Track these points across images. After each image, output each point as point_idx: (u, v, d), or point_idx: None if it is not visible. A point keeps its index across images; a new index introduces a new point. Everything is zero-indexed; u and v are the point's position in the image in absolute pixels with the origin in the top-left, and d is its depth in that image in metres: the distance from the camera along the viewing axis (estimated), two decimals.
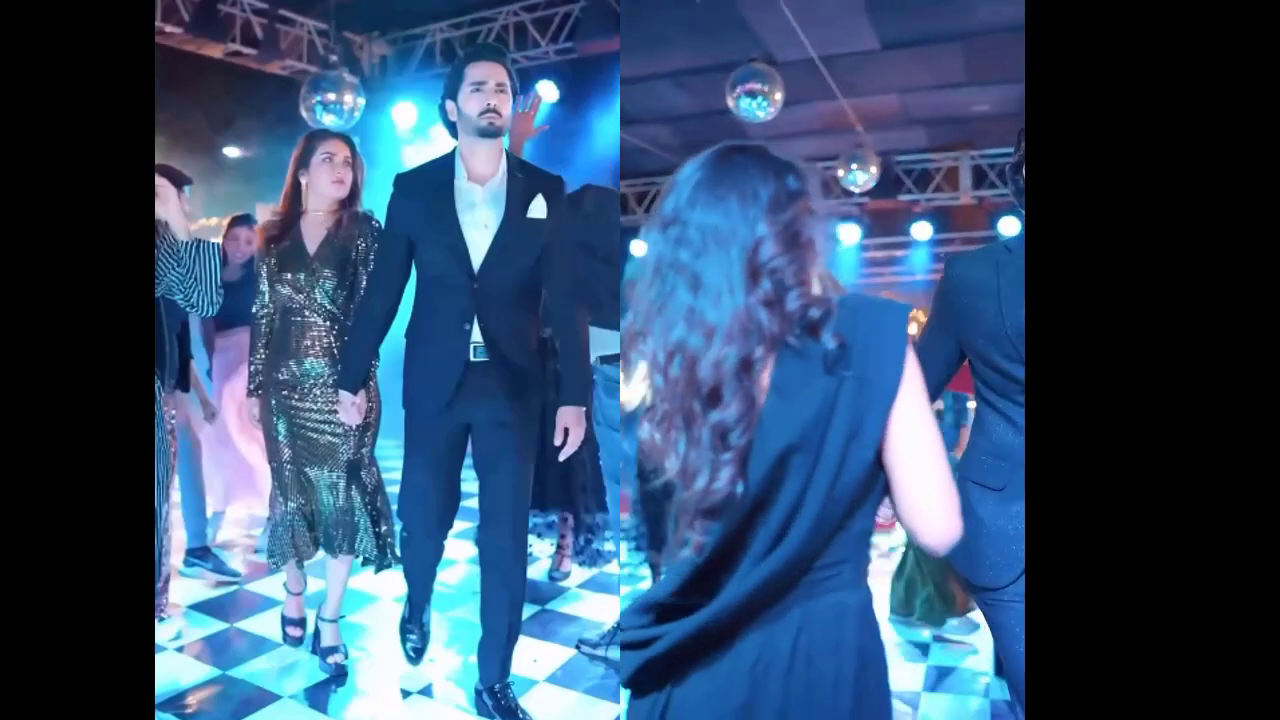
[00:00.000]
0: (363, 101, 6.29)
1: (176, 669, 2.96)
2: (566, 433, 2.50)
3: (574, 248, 2.63)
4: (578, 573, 3.99)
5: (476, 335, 2.44)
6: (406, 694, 2.86)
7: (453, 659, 3.12)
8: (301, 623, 3.11)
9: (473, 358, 2.45)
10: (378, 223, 2.80)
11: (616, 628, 2.82)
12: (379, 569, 2.94)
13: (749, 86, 5.99)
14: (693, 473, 1.09)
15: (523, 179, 2.50)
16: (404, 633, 2.92)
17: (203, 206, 6.99)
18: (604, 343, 2.90)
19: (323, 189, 2.81)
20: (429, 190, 2.47)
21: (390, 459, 3.01)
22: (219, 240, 3.61)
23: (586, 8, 6.10)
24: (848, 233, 9.36)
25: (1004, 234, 8.31)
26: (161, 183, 2.20)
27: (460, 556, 4.06)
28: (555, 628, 3.42)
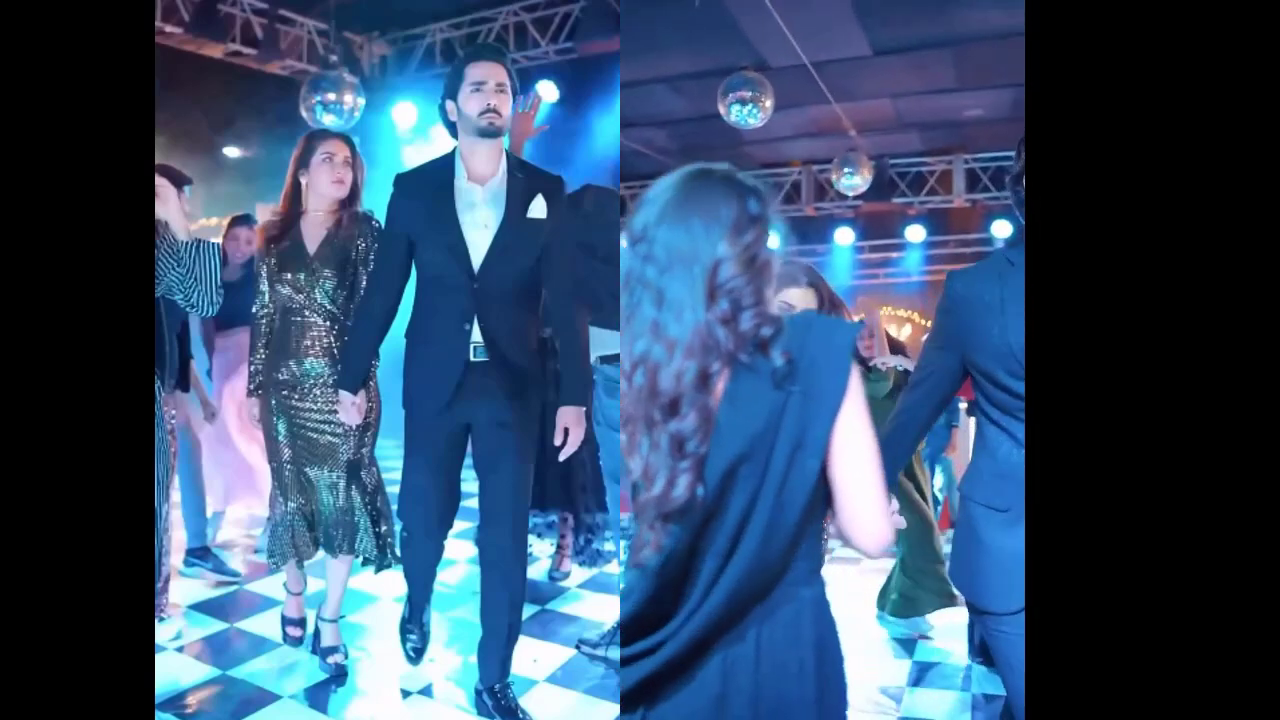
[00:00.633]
0: (363, 101, 6.29)
1: (176, 669, 2.95)
2: (566, 433, 2.50)
3: (574, 248, 2.63)
4: (578, 573, 3.99)
5: (476, 335, 2.44)
6: (406, 694, 2.86)
7: (453, 659, 3.12)
8: (301, 623, 3.11)
9: (473, 358, 2.45)
10: (378, 223, 2.80)
11: (616, 628, 2.82)
12: (379, 569, 2.94)
13: (739, 94, 6.08)
14: (652, 476, 1.16)
15: (523, 179, 2.50)
16: (404, 633, 2.92)
17: (203, 206, 6.99)
18: (604, 343, 2.90)
19: (323, 189, 2.81)
20: (429, 190, 2.47)
21: (390, 459, 3.01)
22: (219, 240, 3.61)
23: (586, 8, 6.10)
24: (842, 235, 9.43)
25: (997, 236, 8.38)
26: (161, 183, 2.20)
27: (460, 556, 4.06)
28: (555, 628, 3.42)
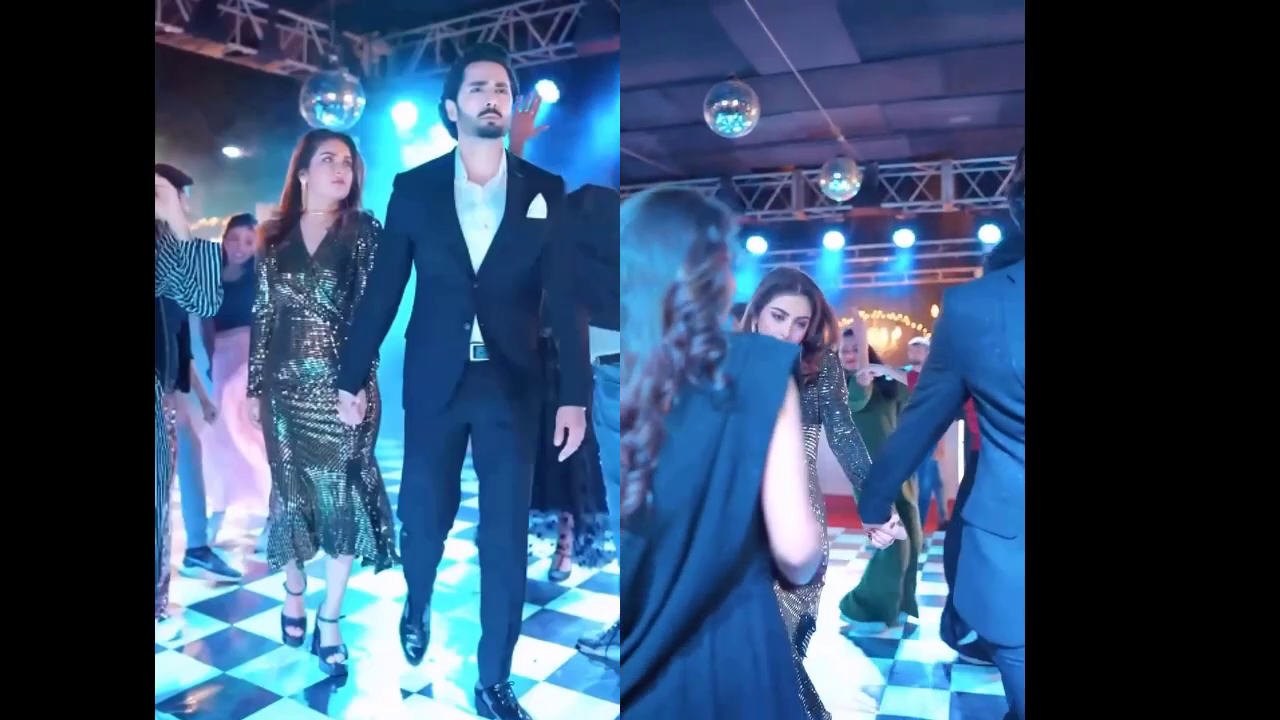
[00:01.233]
0: (363, 101, 6.29)
1: (176, 669, 2.95)
2: (566, 433, 2.50)
3: (574, 248, 2.63)
4: (578, 573, 3.99)
5: (476, 335, 2.44)
6: (406, 694, 2.86)
7: (453, 659, 3.12)
8: (301, 623, 3.11)
9: (473, 358, 2.45)
10: (378, 223, 2.80)
11: (616, 628, 2.82)
12: (379, 569, 2.94)
13: (724, 104, 6.11)
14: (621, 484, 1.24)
15: (523, 179, 2.50)
16: (404, 633, 2.92)
17: (203, 206, 7.00)
18: (604, 343, 2.90)
19: (323, 189, 2.81)
20: (429, 190, 2.47)
21: (390, 459, 3.01)
22: (219, 240, 3.61)
23: (586, 8, 6.11)
24: (832, 239, 9.54)
25: (985, 241, 8.46)
26: (161, 183, 2.20)
27: (460, 556, 4.06)
28: (555, 628, 3.42)
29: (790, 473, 1.27)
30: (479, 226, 2.44)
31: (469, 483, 2.64)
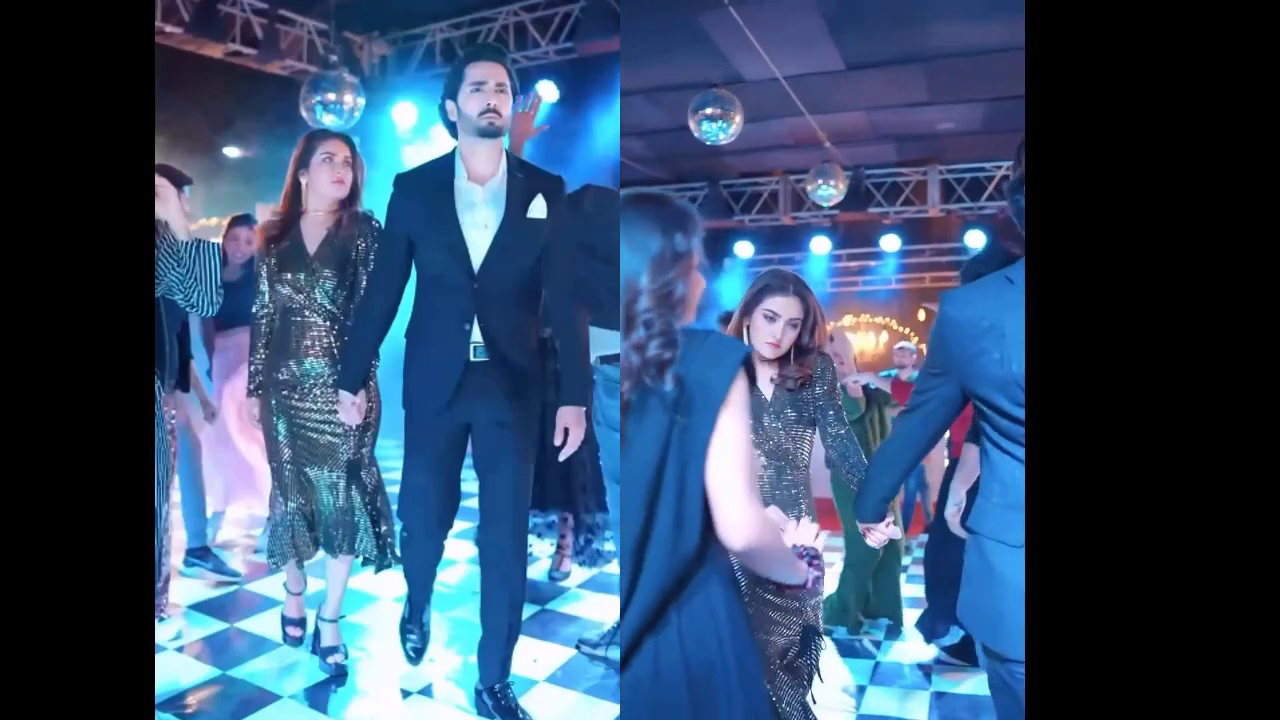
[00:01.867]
0: (363, 101, 6.29)
1: (176, 669, 2.95)
2: (566, 433, 2.50)
3: (574, 248, 2.63)
4: (578, 573, 3.99)
5: (476, 335, 2.44)
6: (406, 694, 2.86)
7: (453, 659, 3.12)
8: (301, 623, 3.11)
9: (473, 358, 2.45)
10: (378, 223, 2.80)
11: (616, 628, 2.82)
12: (379, 569, 2.94)
13: (708, 111, 6.15)
14: None
15: (523, 179, 2.50)
16: (404, 633, 2.92)
17: (203, 206, 6.99)
18: (604, 343, 2.90)
19: (323, 189, 2.81)
20: (429, 190, 2.47)
21: (390, 459, 3.01)
22: (219, 240, 3.61)
23: (586, 8, 6.10)
24: (819, 244, 9.61)
25: (971, 245, 8.51)
26: (161, 183, 2.20)
27: (460, 556, 4.06)
28: (555, 628, 3.42)
29: (729, 460, 1.32)
30: (479, 226, 2.44)
31: (469, 483, 2.64)
